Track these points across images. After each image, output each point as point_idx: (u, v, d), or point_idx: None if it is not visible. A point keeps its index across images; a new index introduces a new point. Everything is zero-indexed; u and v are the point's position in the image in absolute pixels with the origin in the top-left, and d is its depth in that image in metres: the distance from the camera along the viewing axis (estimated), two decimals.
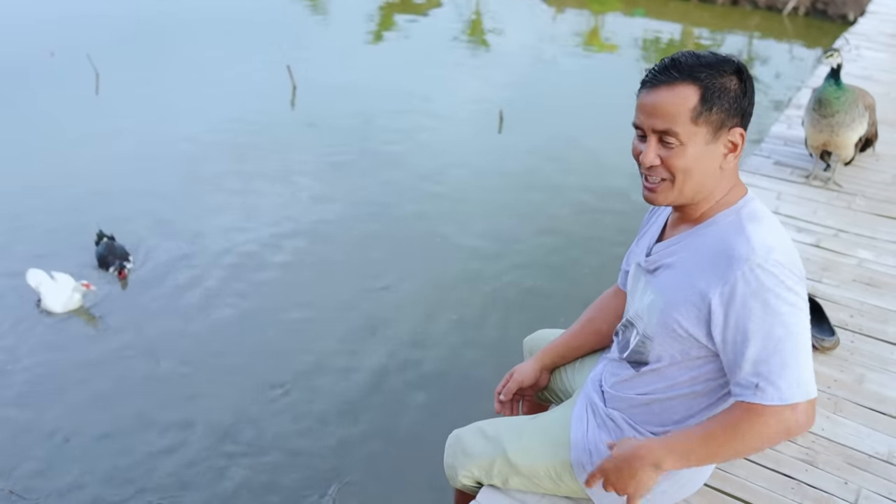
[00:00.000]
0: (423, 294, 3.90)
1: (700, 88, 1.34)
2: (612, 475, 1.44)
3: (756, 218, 1.40)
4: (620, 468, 1.43)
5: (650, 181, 1.43)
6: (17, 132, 5.64)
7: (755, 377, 1.32)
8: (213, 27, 8.50)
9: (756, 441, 1.35)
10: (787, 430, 1.33)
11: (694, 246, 1.45)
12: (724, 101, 1.35)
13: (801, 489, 1.94)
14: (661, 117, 1.36)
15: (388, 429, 3.06)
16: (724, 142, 1.39)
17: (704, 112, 1.35)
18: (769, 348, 1.31)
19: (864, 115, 3.51)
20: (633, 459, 1.41)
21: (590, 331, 1.88)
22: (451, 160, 5.46)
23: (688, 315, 1.42)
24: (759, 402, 1.32)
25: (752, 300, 1.31)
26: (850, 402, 2.27)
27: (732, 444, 1.35)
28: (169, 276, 3.97)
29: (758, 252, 1.32)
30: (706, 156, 1.39)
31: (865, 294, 2.83)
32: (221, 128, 5.78)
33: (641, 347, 1.56)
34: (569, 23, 9.89)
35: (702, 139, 1.37)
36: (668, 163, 1.39)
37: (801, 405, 1.31)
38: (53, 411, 3.09)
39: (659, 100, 1.36)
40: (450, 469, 1.85)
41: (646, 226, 1.71)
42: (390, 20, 9.55)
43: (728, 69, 1.36)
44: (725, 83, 1.35)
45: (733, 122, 1.38)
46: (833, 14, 9.61)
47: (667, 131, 1.37)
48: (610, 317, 1.85)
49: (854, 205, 3.54)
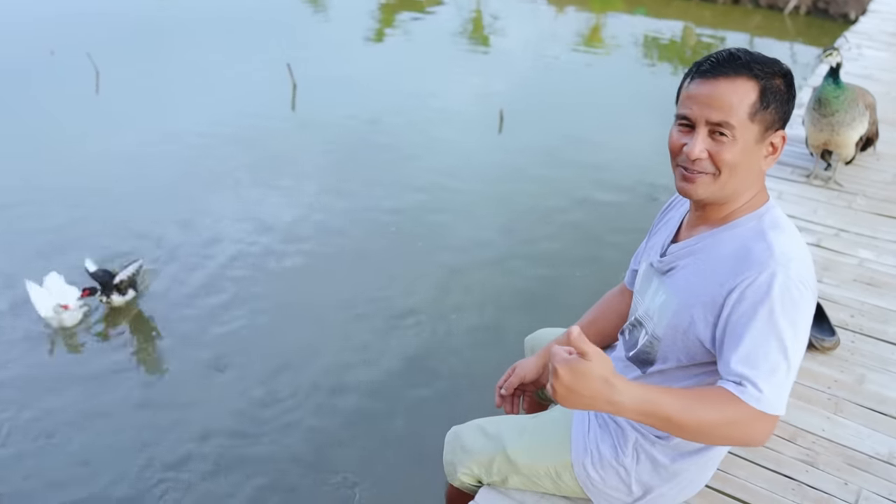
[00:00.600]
0: (423, 292, 3.89)
1: (759, 85, 1.34)
2: (567, 375, 1.19)
3: (778, 226, 1.39)
4: (577, 377, 1.20)
5: (690, 171, 1.39)
6: (16, 130, 5.63)
7: (739, 376, 1.30)
8: (213, 25, 8.48)
9: (716, 427, 1.28)
10: (750, 435, 1.30)
11: (713, 248, 1.44)
12: (776, 102, 1.35)
13: (801, 490, 1.94)
14: (718, 109, 1.34)
15: (387, 426, 3.05)
16: (767, 143, 1.39)
17: (761, 110, 1.34)
18: (760, 354, 1.30)
19: (865, 114, 3.50)
20: (594, 380, 1.19)
21: (594, 332, 1.85)
22: (452, 159, 5.45)
23: (699, 317, 1.41)
24: (739, 396, 1.29)
25: (760, 307, 1.30)
26: (851, 403, 2.27)
27: (693, 418, 1.25)
28: (172, 277, 3.95)
29: (777, 261, 1.31)
30: (752, 154, 1.38)
31: (866, 294, 2.83)
32: (221, 127, 5.77)
33: (649, 348, 1.55)
34: (570, 22, 9.88)
35: (752, 137, 1.36)
36: (716, 157, 1.36)
37: (770, 418, 1.29)
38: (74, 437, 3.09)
39: (718, 91, 1.34)
40: (449, 466, 1.85)
41: (658, 225, 1.70)
42: (391, 18, 9.54)
43: (778, 70, 1.36)
44: (778, 84, 1.35)
45: (779, 124, 1.38)
46: (834, 13, 9.60)
47: (723, 124, 1.34)
48: (614, 318, 1.84)
49: (855, 204, 3.53)
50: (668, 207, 1.70)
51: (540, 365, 1.86)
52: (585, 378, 1.19)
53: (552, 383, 1.22)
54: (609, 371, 1.21)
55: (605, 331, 1.86)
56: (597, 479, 1.68)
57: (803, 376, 2.36)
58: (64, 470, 2.82)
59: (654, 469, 1.63)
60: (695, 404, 1.26)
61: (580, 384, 1.19)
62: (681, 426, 1.25)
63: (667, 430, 1.28)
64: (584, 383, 1.19)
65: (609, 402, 1.20)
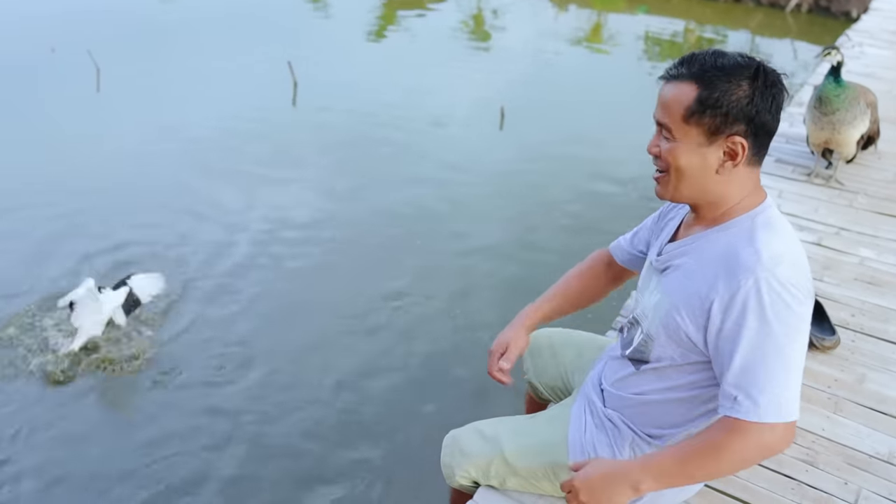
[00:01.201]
0: (425, 291, 3.89)
1: (699, 90, 1.33)
2: (585, 494, 1.40)
3: (770, 226, 1.38)
4: (594, 488, 1.40)
5: (656, 172, 1.45)
6: (16, 128, 5.62)
7: (735, 389, 1.31)
8: (213, 23, 8.47)
9: (733, 460, 1.32)
10: (764, 449, 1.31)
11: (703, 249, 1.43)
12: (722, 107, 1.32)
13: (801, 489, 1.93)
14: (661, 109, 1.40)
15: (385, 430, 3.05)
16: (721, 147, 1.36)
17: (696, 114, 1.34)
18: (756, 363, 1.29)
19: (866, 112, 3.49)
20: (611, 481, 1.39)
21: (576, 303, 1.87)
22: (452, 156, 5.45)
23: (689, 318, 1.40)
24: (736, 417, 1.30)
25: (750, 314, 1.30)
26: (851, 402, 2.26)
27: (710, 463, 1.33)
28: (177, 279, 3.95)
29: (764, 265, 1.30)
30: (698, 158, 1.37)
31: (867, 293, 2.82)
32: (222, 124, 5.76)
33: (643, 346, 1.55)
34: (571, 19, 9.86)
35: (694, 140, 1.36)
36: (663, 156, 1.41)
37: (778, 425, 1.29)
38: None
39: (664, 93, 1.40)
40: (447, 469, 1.84)
41: (662, 220, 1.69)
42: (392, 16, 9.53)
43: (742, 74, 1.32)
44: (730, 88, 1.32)
45: (734, 129, 1.34)
46: (836, 11, 9.58)
47: (663, 124, 1.39)
48: (598, 293, 1.89)
49: (856, 203, 3.52)
50: (673, 206, 1.69)
51: (525, 335, 1.80)
52: (600, 490, 1.40)
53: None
54: (606, 467, 1.42)
55: (584, 304, 1.89)
56: None
57: (803, 375, 2.34)
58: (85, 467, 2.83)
59: None
60: (703, 455, 1.33)
61: (603, 491, 1.39)
62: (697, 478, 1.42)
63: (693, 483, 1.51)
64: (603, 485, 1.40)
65: (634, 488, 1.38)
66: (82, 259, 4.01)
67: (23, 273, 3.86)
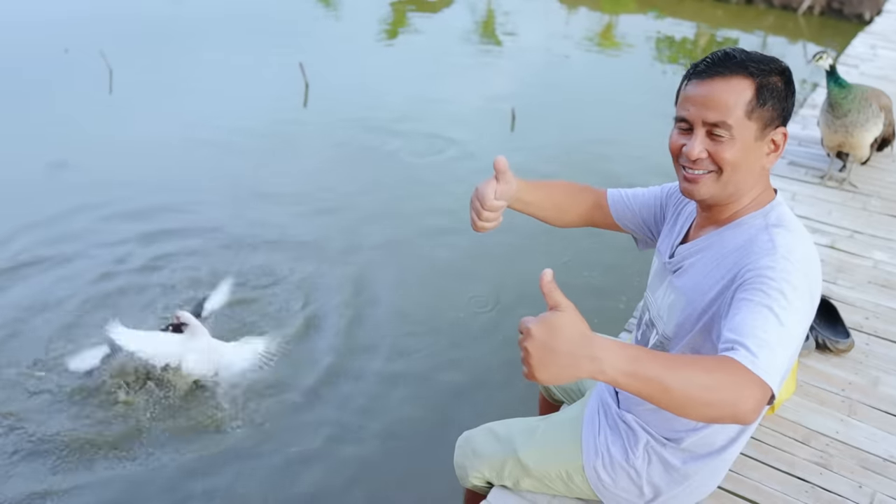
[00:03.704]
0: (428, 292, 3.90)
1: (755, 83, 1.34)
2: (536, 347, 1.05)
3: (783, 223, 1.39)
4: (551, 344, 1.05)
5: (691, 172, 1.40)
6: (30, 128, 5.66)
7: (732, 342, 1.20)
8: (225, 25, 8.51)
9: (709, 386, 1.10)
10: (739, 398, 1.12)
11: (718, 246, 1.44)
12: (774, 99, 1.35)
13: (814, 492, 1.92)
14: (714, 109, 1.35)
15: (397, 430, 3.06)
16: (768, 140, 1.38)
17: (758, 107, 1.34)
18: (757, 326, 1.20)
19: (880, 115, 3.48)
20: (575, 342, 1.05)
21: (546, 208, 1.77)
22: (464, 158, 5.45)
23: (706, 314, 1.40)
24: (733, 357, 1.17)
25: (758, 284, 1.26)
26: (865, 405, 2.25)
27: (686, 375, 1.10)
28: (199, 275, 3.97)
29: (779, 251, 1.31)
30: (753, 152, 1.38)
31: (881, 296, 2.81)
32: (234, 126, 5.77)
33: (660, 348, 1.55)
34: (582, 21, 9.85)
35: (751, 135, 1.36)
36: (716, 156, 1.37)
37: (762, 387, 1.14)
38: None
39: (713, 91, 1.35)
40: (460, 469, 1.85)
41: (672, 213, 1.68)
42: (403, 18, 9.54)
43: (775, 68, 1.36)
44: (775, 81, 1.35)
45: (778, 121, 1.38)
46: (849, 13, 9.53)
47: (719, 124, 1.35)
48: (567, 216, 1.80)
49: (869, 206, 3.51)
50: (682, 204, 1.68)
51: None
52: (561, 331, 1.03)
53: (524, 347, 1.05)
54: (585, 325, 1.07)
55: (548, 214, 1.78)
56: (608, 482, 1.67)
57: (817, 378, 2.35)
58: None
59: (665, 471, 1.62)
60: (683, 364, 1.11)
61: (556, 339, 1.03)
62: (667, 388, 1.08)
63: (651, 396, 1.09)
64: (561, 337, 1.03)
65: (591, 357, 1.03)
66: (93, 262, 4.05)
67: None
